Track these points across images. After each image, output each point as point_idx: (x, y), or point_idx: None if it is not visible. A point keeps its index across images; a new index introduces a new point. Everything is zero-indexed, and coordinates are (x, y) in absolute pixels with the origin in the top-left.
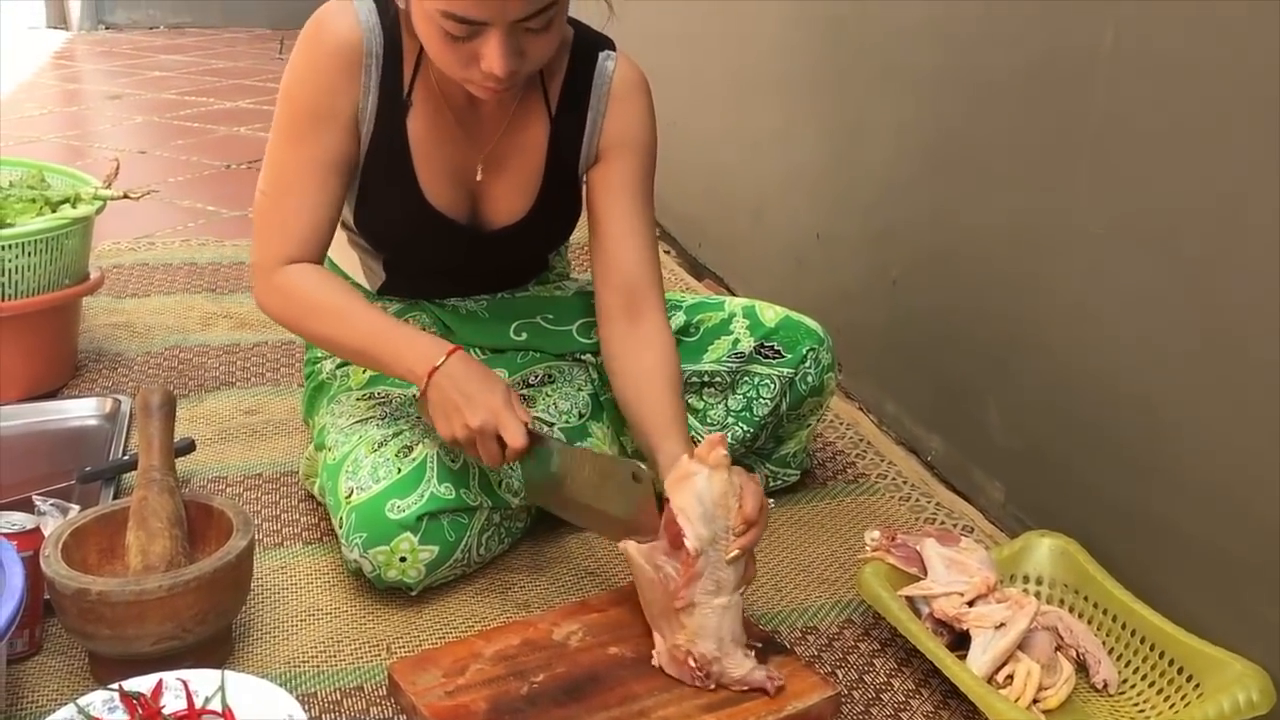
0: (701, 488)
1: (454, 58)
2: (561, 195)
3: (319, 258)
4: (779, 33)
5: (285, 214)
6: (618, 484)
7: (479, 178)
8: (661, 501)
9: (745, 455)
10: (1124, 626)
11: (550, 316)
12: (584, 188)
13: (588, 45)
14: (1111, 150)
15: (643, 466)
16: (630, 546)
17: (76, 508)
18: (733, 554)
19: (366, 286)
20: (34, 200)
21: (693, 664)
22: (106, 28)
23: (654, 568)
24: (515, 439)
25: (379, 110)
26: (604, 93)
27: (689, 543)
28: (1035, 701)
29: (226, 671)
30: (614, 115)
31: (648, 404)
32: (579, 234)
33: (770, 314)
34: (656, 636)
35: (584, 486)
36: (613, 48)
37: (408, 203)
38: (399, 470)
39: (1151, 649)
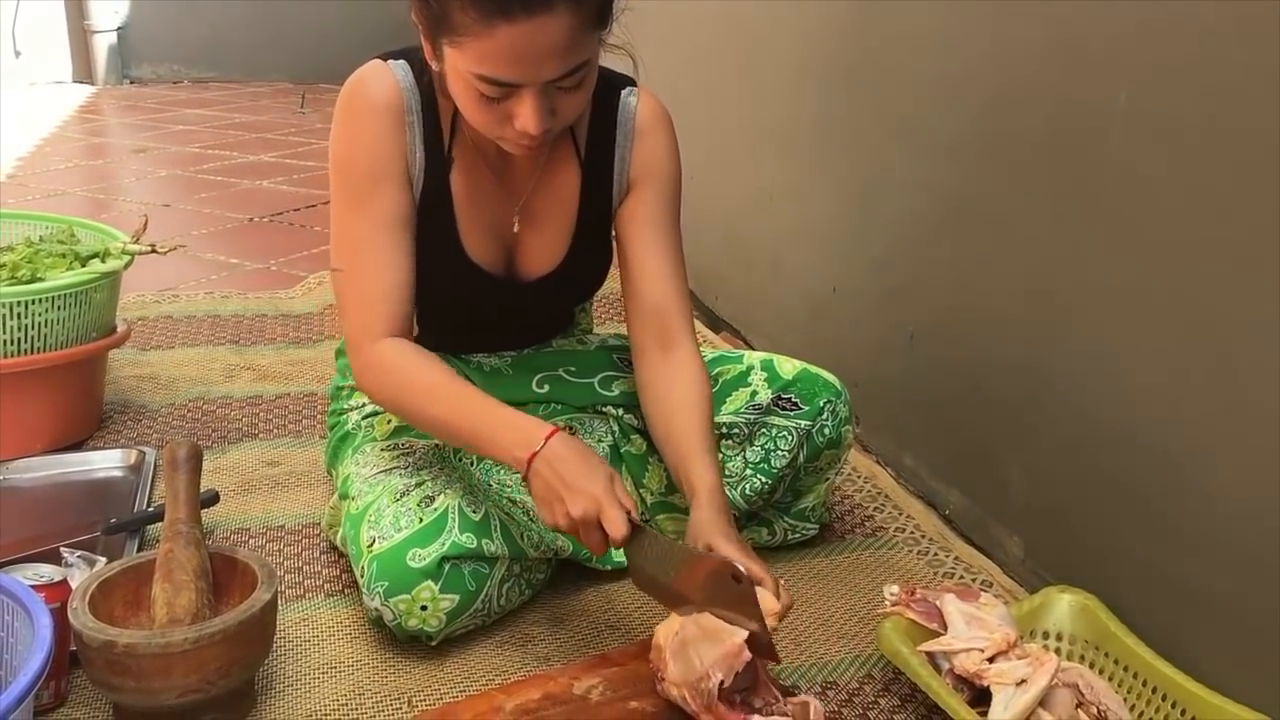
0: None
1: (488, 118)
2: (594, 241)
3: (408, 321)
4: (795, 89)
5: (366, 284)
6: (718, 584)
7: (515, 229)
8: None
9: (763, 509)
10: (1145, 684)
11: (572, 369)
12: (614, 225)
13: (610, 85)
14: (1127, 207)
15: (741, 569)
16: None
17: (103, 560)
18: None
19: None
20: (64, 255)
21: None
22: (131, 82)
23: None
24: (616, 530)
25: (426, 166)
26: (629, 129)
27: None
28: None
29: None
30: (639, 149)
31: (678, 432)
32: (603, 286)
33: (788, 367)
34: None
35: (684, 582)
36: (634, 84)
37: (449, 257)
38: (420, 520)
39: (1173, 706)
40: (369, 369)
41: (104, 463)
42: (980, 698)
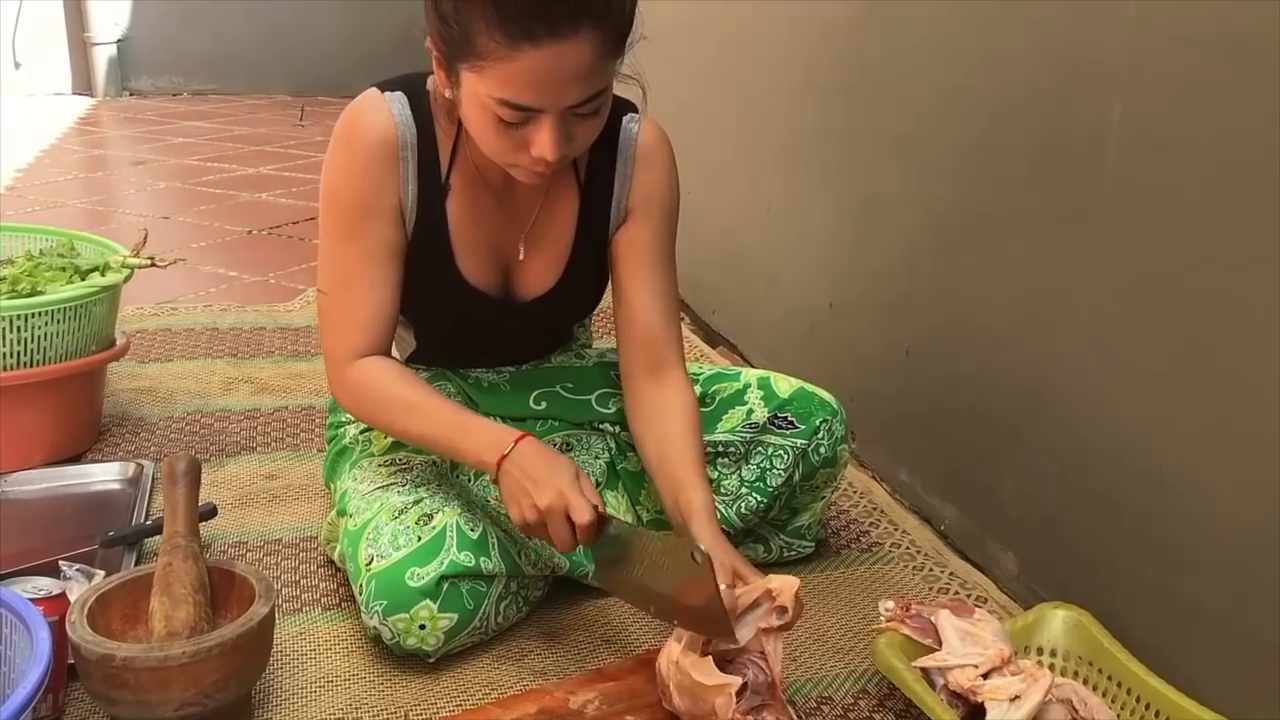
0: None
1: (503, 145)
2: (589, 262)
3: (387, 343)
4: (792, 104)
5: (347, 309)
6: (679, 563)
7: (521, 257)
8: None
9: (759, 526)
10: (1139, 700)
11: (570, 385)
12: (609, 250)
13: (612, 110)
14: (1122, 223)
15: (702, 548)
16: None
17: (101, 573)
18: None
19: (395, 354)
20: (64, 269)
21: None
22: (130, 94)
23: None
24: (581, 515)
25: (419, 199)
26: (630, 155)
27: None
28: None
29: None
30: (639, 177)
31: (670, 460)
32: (602, 301)
33: (785, 385)
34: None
35: (649, 568)
36: (635, 110)
37: (443, 280)
38: (419, 538)
39: None
40: (344, 386)
41: (102, 475)
42: (974, 714)
